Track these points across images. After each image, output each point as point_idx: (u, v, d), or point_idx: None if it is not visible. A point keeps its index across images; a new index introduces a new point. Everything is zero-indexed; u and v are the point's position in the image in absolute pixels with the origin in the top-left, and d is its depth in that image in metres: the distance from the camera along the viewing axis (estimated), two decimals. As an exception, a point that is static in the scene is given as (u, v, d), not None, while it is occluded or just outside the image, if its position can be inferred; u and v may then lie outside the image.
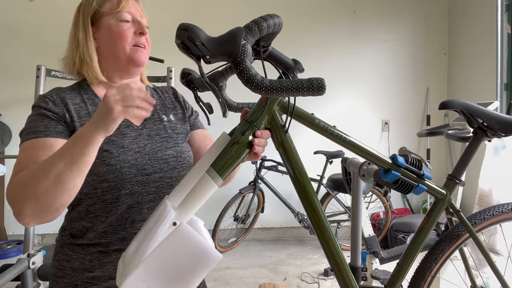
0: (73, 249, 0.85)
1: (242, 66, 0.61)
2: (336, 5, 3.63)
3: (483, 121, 1.10)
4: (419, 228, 1.07)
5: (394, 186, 0.90)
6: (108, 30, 0.87)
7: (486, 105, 1.86)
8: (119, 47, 0.87)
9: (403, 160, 0.91)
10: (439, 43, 3.74)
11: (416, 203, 3.77)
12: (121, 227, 0.84)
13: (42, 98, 0.85)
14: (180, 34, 0.59)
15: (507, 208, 1.19)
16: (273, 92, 0.62)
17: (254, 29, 0.63)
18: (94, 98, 0.89)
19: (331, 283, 2.61)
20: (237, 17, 3.53)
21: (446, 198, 1.07)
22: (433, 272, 1.10)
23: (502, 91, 2.97)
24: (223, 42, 0.61)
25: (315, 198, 0.80)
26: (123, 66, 0.90)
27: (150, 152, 0.88)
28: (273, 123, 0.79)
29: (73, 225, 0.86)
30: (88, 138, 0.67)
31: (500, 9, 2.99)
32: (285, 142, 0.78)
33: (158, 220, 0.64)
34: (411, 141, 3.72)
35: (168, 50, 2.38)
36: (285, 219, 3.58)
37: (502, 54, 2.97)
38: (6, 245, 3.05)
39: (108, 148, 0.82)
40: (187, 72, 0.88)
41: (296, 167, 0.79)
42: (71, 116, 0.83)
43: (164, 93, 1.05)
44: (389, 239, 3.19)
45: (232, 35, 0.61)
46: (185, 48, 0.60)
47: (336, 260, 0.81)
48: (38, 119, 0.81)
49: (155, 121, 0.95)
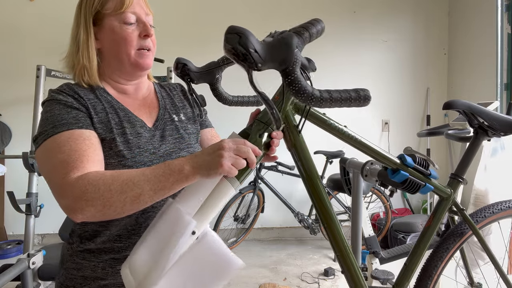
0: (84, 256, 0.82)
1: (294, 76, 0.57)
2: (336, 5, 3.63)
3: (484, 121, 1.12)
4: (425, 227, 1.08)
5: (401, 186, 0.90)
6: (111, 32, 0.83)
7: (486, 105, 1.86)
8: (123, 52, 0.83)
9: (411, 160, 0.91)
10: (439, 43, 3.74)
11: (416, 203, 3.77)
12: (135, 231, 0.81)
13: (57, 92, 0.80)
14: (231, 38, 0.55)
15: (505, 205, 1.24)
16: (322, 103, 0.59)
17: (305, 35, 0.60)
18: (106, 95, 0.86)
19: (331, 283, 2.61)
20: (237, 16, 3.53)
21: (451, 197, 1.09)
22: (439, 270, 1.11)
23: (502, 91, 2.97)
24: (275, 49, 0.57)
25: (326, 198, 0.80)
26: (127, 70, 0.86)
27: (165, 154, 0.85)
28: (287, 123, 0.77)
29: (86, 228, 0.83)
30: (185, 177, 0.64)
31: (500, 9, 2.98)
32: (299, 142, 0.78)
33: (176, 230, 0.61)
34: (411, 141, 3.72)
35: (168, 50, 2.38)
36: (285, 219, 3.58)
37: (502, 54, 2.97)
38: (6, 245, 3.05)
39: (124, 148, 0.79)
40: (183, 62, 0.84)
41: (309, 167, 0.79)
42: (89, 111, 0.80)
43: (172, 91, 1.01)
44: (389, 239, 3.18)
45: (285, 42, 0.57)
46: (235, 54, 0.55)
47: (346, 260, 0.82)
48: (64, 111, 0.76)
49: (166, 122, 0.91)
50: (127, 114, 0.86)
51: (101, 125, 0.80)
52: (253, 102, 0.95)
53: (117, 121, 0.83)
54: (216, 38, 3.65)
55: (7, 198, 2.34)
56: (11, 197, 2.30)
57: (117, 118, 0.83)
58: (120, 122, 0.83)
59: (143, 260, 0.62)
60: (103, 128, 0.80)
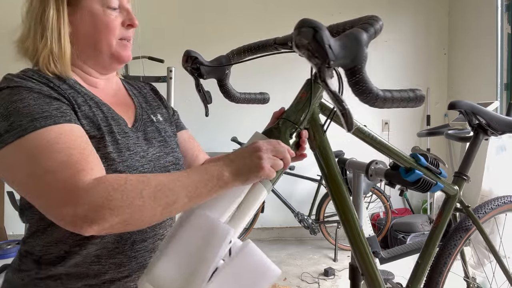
0: (47, 285, 0.65)
1: (362, 75, 0.54)
2: (336, 5, 3.63)
3: (486, 121, 1.19)
4: (433, 226, 1.13)
5: (414, 185, 0.91)
6: (90, 16, 0.70)
7: (486, 105, 1.87)
8: (103, 41, 0.71)
9: (424, 160, 0.93)
10: (439, 43, 3.74)
11: (416, 203, 3.77)
12: (119, 249, 0.68)
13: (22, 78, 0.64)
14: (306, 33, 0.50)
15: (502, 201, 1.32)
16: (385, 104, 0.57)
17: (371, 32, 0.57)
18: (79, 87, 0.71)
19: (331, 283, 2.61)
20: (237, 16, 3.53)
21: (457, 194, 1.13)
22: (448, 266, 1.15)
23: (502, 91, 2.97)
24: (347, 45, 0.53)
25: (349, 200, 0.80)
26: (103, 62, 0.74)
27: (154, 159, 0.75)
28: (313, 123, 0.75)
29: (50, 250, 0.66)
30: (225, 183, 0.58)
31: (500, 9, 2.98)
32: (324, 142, 0.77)
33: (212, 239, 0.55)
34: (411, 141, 3.72)
35: (167, 50, 2.37)
36: (285, 219, 3.58)
37: (502, 54, 2.97)
38: (6, 245, 3.05)
39: (113, 150, 0.67)
40: (194, 55, 0.77)
41: (333, 167, 0.79)
42: (72, 102, 0.66)
43: (143, 89, 0.90)
44: (389, 239, 3.19)
45: (356, 38, 0.53)
46: (310, 50, 0.51)
47: (365, 261, 0.83)
48: (42, 102, 0.61)
49: (146, 122, 0.80)
50: (109, 110, 0.73)
51: (86, 120, 0.67)
52: (260, 100, 0.92)
53: (101, 117, 0.70)
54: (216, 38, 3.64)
55: (7, 198, 2.34)
56: (11, 197, 2.30)
57: (101, 113, 0.70)
58: (105, 119, 0.70)
59: (171, 274, 0.55)
60: (89, 124, 0.67)
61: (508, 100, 2.91)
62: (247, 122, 3.46)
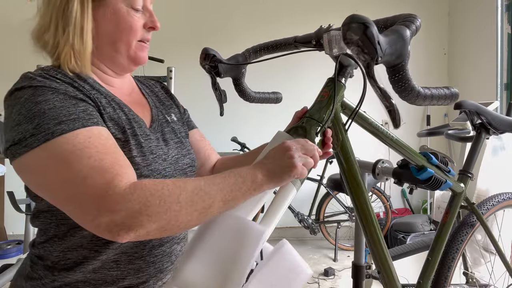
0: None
1: (405, 72, 0.53)
2: (336, 4, 3.63)
3: (488, 121, 1.22)
4: (441, 224, 1.16)
5: (425, 183, 0.92)
6: (114, 15, 0.68)
7: (486, 105, 1.87)
8: (124, 41, 0.70)
9: (435, 158, 0.94)
10: (439, 43, 3.74)
11: (416, 203, 3.77)
12: (138, 254, 0.66)
13: (45, 77, 0.61)
14: (357, 28, 0.50)
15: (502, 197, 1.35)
16: (425, 101, 0.57)
17: (412, 28, 0.56)
18: (99, 86, 0.68)
19: (331, 283, 2.61)
20: (238, 16, 3.53)
21: (463, 192, 1.16)
22: (456, 261, 1.18)
23: (502, 91, 2.97)
24: (393, 42, 0.52)
25: (367, 196, 0.82)
26: (121, 62, 0.72)
27: (173, 161, 0.73)
28: (336, 121, 0.75)
29: (68, 255, 0.64)
30: (259, 186, 0.58)
31: (500, 9, 2.99)
32: (345, 141, 0.78)
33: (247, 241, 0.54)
34: (411, 141, 3.72)
35: (167, 50, 2.38)
36: (285, 219, 3.58)
37: (502, 54, 2.97)
38: (6, 245, 3.05)
39: (138, 154, 0.65)
40: (212, 53, 0.76)
41: (353, 166, 0.79)
42: (97, 104, 0.64)
43: (154, 88, 0.88)
44: (389, 239, 3.19)
45: (402, 35, 0.53)
46: (360, 46, 0.50)
47: (382, 259, 0.85)
48: (68, 103, 0.58)
49: (162, 123, 0.78)
50: (130, 111, 0.71)
51: (111, 123, 0.64)
52: (273, 99, 0.92)
53: (124, 119, 0.67)
54: (217, 38, 3.64)
55: (7, 198, 2.34)
56: (11, 197, 2.30)
57: (123, 115, 0.68)
58: (128, 121, 0.68)
59: (204, 277, 0.53)
60: (114, 127, 0.65)
61: (508, 100, 2.91)
62: (247, 122, 3.46)
